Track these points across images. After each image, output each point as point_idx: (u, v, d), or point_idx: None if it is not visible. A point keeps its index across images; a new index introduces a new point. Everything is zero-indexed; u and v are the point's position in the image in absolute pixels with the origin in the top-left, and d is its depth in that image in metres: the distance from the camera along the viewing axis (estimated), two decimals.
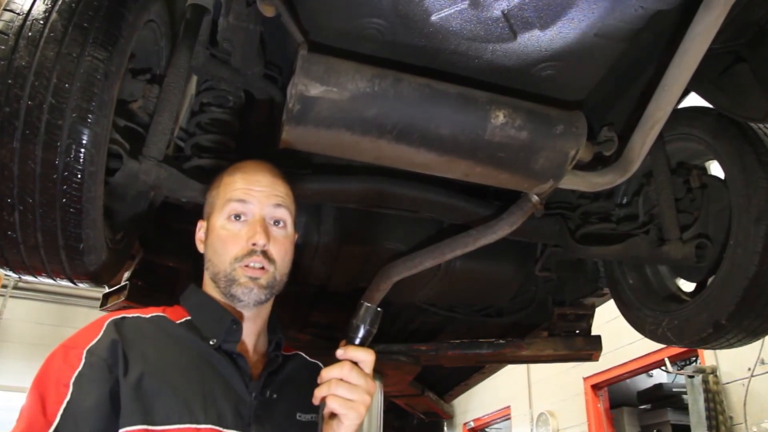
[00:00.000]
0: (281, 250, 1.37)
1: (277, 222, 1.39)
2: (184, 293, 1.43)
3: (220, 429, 1.18)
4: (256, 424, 1.24)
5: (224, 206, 1.38)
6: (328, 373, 1.19)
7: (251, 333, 1.39)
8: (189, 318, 1.35)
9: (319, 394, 1.19)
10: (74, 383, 1.13)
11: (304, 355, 1.54)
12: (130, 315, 1.30)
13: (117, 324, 1.25)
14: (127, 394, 1.14)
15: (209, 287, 1.40)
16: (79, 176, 1.46)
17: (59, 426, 1.09)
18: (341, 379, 1.17)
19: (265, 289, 1.33)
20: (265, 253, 1.33)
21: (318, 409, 1.20)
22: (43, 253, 1.55)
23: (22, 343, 9.88)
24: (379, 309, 1.23)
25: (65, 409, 1.10)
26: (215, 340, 1.29)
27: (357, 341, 1.22)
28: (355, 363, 1.19)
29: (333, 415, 1.18)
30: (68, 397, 1.11)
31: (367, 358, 1.20)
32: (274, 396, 1.32)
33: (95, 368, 1.15)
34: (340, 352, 1.21)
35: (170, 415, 1.15)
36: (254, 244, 1.33)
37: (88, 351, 1.17)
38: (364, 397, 1.17)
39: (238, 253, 1.33)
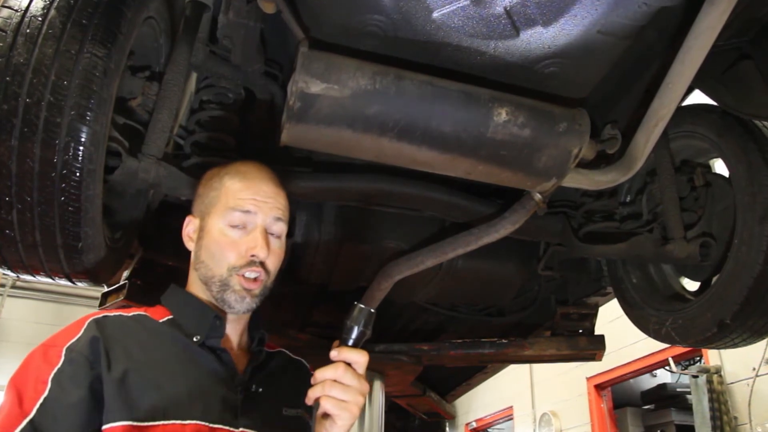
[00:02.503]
0: (276, 261, 1.39)
1: (273, 233, 1.40)
2: (164, 293, 1.43)
3: (206, 424, 1.18)
4: (243, 418, 1.24)
5: (225, 213, 1.37)
6: (321, 374, 1.21)
7: (235, 331, 1.40)
8: (171, 317, 1.35)
9: (312, 394, 1.20)
10: (53, 380, 1.12)
11: (287, 352, 1.55)
12: (112, 314, 1.30)
13: (98, 322, 1.24)
14: (111, 389, 1.13)
15: (195, 286, 1.40)
16: (77, 174, 1.45)
17: (35, 419, 1.07)
18: (335, 380, 1.19)
19: (256, 298, 1.35)
20: (262, 264, 1.35)
21: (311, 409, 1.21)
22: (41, 251, 1.54)
23: (21, 342, 9.86)
24: (372, 310, 1.25)
25: (42, 404, 1.09)
26: (199, 337, 1.29)
27: (350, 342, 1.24)
28: (349, 364, 1.21)
29: (326, 415, 1.20)
30: (46, 393, 1.10)
31: (360, 359, 1.22)
32: (260, 390, 1.32)
33: (75, 365, 1.15)
34: (333, 354, 1.23)
35: (155, 411, 1.14)
36: (253, 256, 1.33)
37: (68, 348, 1.17)
38: (358, 398, 1.20)
39: (236, 262, 1.33)
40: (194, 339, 1.29)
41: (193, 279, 1.41)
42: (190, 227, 1.45)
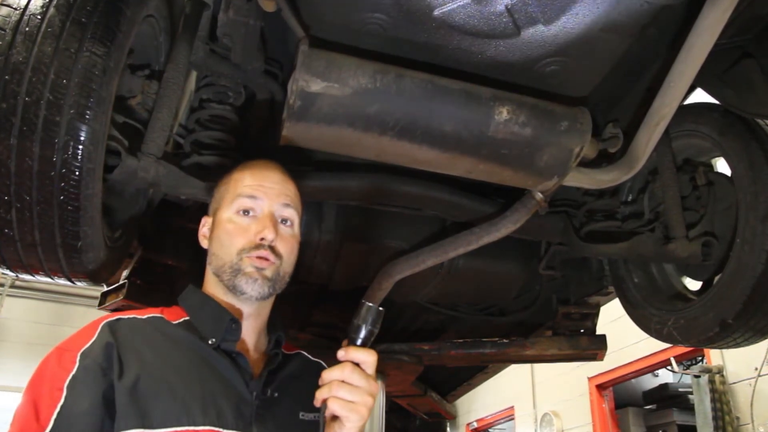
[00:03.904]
0: (287, 247, 1.38)
1: (284, 220, 1.40)
2: (182, 294, 1.42)
3: (220, 429, 1.16)
4: (257, 424, 1.22)
5: (233, 201, 1.38)
6: (329, 374, 1.17)
7: (252, 331, 1.38)
8: (187, 318, 1.34)
9: (320, 395, 1.17)
10: (68, 387, 1.11)
11: (306, 354, 1.53)
12: (126, 316, 1.29)
13: (112, 326, 1.23)
14: (123, 397, 1.12)
15: (210, 285, 1.39)
16: (77, 173, 1.45)
17: (52, 431, 1.07)
18: (343, 381, 1.15)
19: (269, 281, 1.33)
20: (272, 249, 1.34)
21: (320, 411, 1.18)
22: (40, 251, 1.53)
23: (20, 342, 9.84)
24: (381, 309, 1.21)
25: (58, 414, 1.09)
26: (214, 340, 1.28)
27: (359, 342, 1.20)
28: (357, 364, 1.17)
29: (335, 417, 1.17)
30: (62, 402, 1.10)
31: (368, 359, 1.18)
32: (276, 395, 1.30)
33: (89, 371, 1.14)
34: (341, 354, 1.19)
35: (168, 417, 1.13)
36: (262, 239, 1.33)
37: (82, 354, 1.16)
38: (366, 398, 1.15)
39: (245, 245, 1.33)
40: (209, 342, 1.28)
41: (209, 277, 1.41)
42: (205, 228, 1.46)
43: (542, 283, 2.99)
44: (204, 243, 1.44)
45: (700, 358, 6.33)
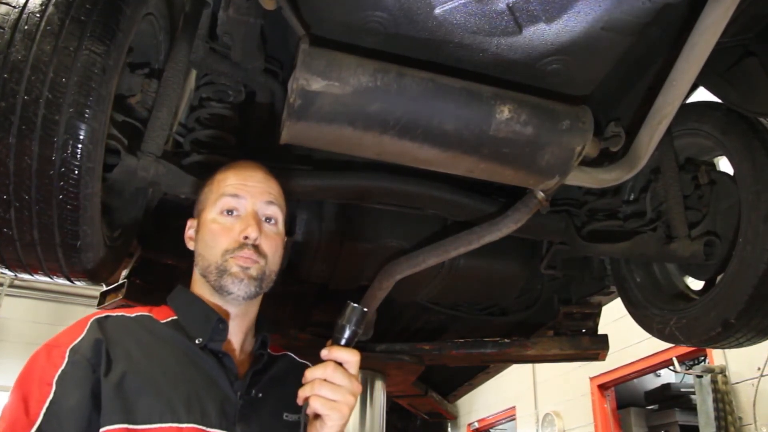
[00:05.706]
0: (272, 246, 1.38)
1: (268, 219, 1.41)
2: (171, 294, 1.43)
3: (204, 428, 1.17)
4: (241, 423, 1.23)
5: (216, 201, 1.39)
6: (311, 373, 1.20)
7: (238, 332, 1.39)
8: (175, 318, 1.35)
9: (302, 394, 1.19)
10: (57, 382, 1.12)
11: (293, 355, 1.54)
12: (115, 314, 1.30)
13: (100, 322, 1.24)
14: (108, 392, 1.13)
15: (198, 285, 1.40)
16: (76, 172, 1.44)
17: (42, 425, 1.08)
18: (325, 380, 1.18)
19: (255, 281, 1.33)
20: (256, 248, 1.34)
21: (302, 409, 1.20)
22: (39, 250, 1.53)
23: (19, 342, 9.78)
24: (365, 309, 1.24)
25: (48, 408, 1.09)
26: (201, 339, 1.29)
27: (342, 342, 1.23)
28: (340, 364, 1.20)
29: (317, 416, 1.19)
30: (51, 396, 1.11)
31: (351, 358, 1.21)
32: (260, 395, 1.32)
33: (78, 367, 1.15)
34: (324, 353, 1.22)
35: (152, 414, 1.14)
36: (246, 237, 1.33)
37: (71, 350, 1.17)
38: (348, 398, 1.18)
39: (229, 245, 1.33)
40: (196, 341, 1.29)
41: (196, 278, 1.41)
42: (191, 230, 1.46)
43: (544, 283, 2.99)
44: (190, 245, 1.45)
45: (702, 358, 6.32)
